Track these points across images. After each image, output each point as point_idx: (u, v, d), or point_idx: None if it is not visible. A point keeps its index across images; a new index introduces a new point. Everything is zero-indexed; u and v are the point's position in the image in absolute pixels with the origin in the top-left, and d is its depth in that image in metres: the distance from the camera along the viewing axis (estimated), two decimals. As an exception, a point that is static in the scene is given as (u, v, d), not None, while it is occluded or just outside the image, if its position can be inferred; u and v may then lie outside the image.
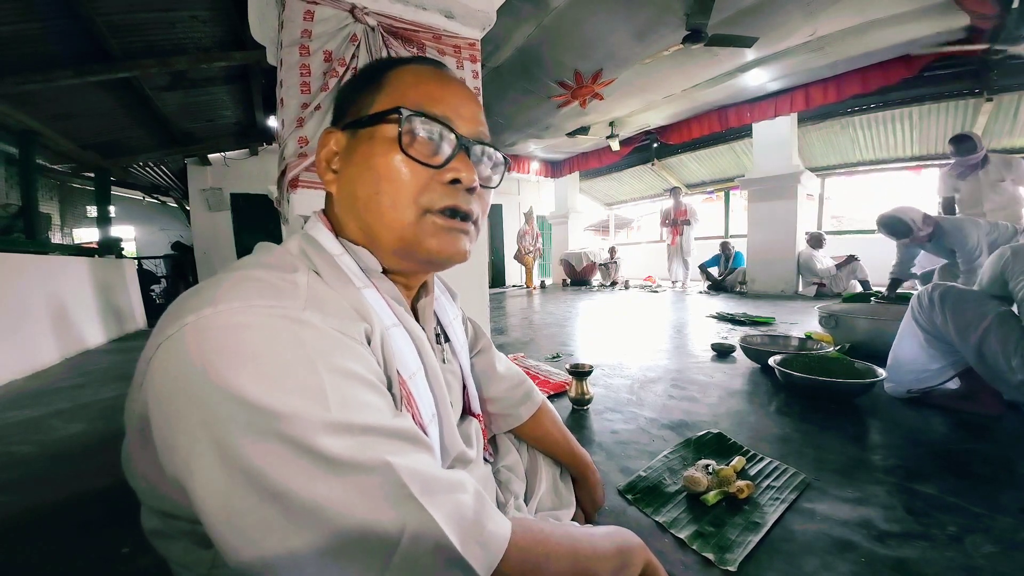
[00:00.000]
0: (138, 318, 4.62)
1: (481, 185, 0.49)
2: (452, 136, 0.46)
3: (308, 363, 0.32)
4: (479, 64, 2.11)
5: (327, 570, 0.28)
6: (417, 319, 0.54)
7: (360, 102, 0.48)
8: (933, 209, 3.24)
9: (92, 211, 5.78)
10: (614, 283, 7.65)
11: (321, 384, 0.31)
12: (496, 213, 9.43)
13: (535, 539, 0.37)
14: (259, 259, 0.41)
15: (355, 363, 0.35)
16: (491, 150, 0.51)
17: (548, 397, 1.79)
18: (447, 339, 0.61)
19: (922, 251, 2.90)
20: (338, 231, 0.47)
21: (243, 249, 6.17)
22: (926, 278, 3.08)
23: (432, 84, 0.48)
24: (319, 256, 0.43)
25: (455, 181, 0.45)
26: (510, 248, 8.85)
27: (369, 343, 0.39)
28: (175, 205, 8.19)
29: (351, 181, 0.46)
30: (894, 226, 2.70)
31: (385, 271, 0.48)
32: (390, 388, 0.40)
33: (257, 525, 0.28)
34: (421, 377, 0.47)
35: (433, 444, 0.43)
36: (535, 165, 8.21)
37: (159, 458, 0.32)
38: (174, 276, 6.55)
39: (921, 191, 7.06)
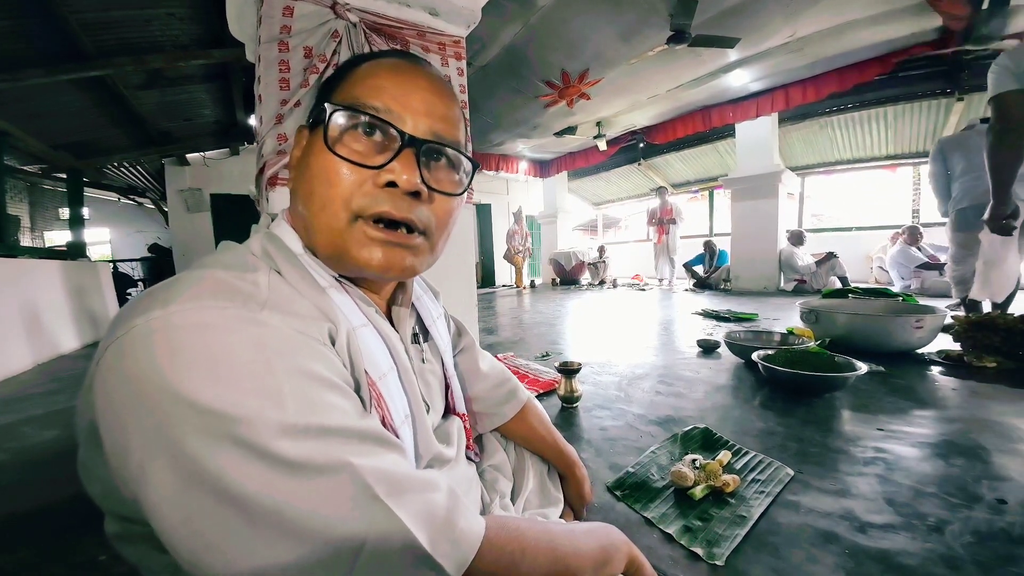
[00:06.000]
0: (115, 323, 4.48)
1: (433, 189, 0.43)
2: (392, 132, 0.41)
3: (265, 365, 0.30)
4: (464, 62, 2.10)
5: (290, 573, 0.27)
6: (391, 320, 0.52)
7: (324, 99, 0.46)
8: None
9: (64, 213, 5.60)
10: (603, 282, 7.70)
11: (278, 386, 0.30)
12: (485, 213, 9.41)
13: (510, 536, 0.36)
14: (219, 258, 0.39)
15: (317, 364, 0.33)
16: (450, 150, 0.44)
17: (537, 395, 1.80)
18: (427, 339, 0.60)
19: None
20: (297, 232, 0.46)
21: (225, 251, 6.04)
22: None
23: (383, 76, 0.43)
24: (281, 255, 0.41)
25: (392, 184, 0.41)
26: (499, 248, 8.84)
27: (334, 344, 0.37)
28: (152, 207, 8.00)
29: (297, 181, 0.45)
30: None
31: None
32: (358, 390, 0.39)
33: (216, 530, 0.27)
34: (394, 378, 0.45)
35: (406, 445, 0.42)
36: (523, 165, 8.21)
37: (110, 464, 0.30)
38: (151, 279, 6.39)
39: (896, 189, 7.23)
